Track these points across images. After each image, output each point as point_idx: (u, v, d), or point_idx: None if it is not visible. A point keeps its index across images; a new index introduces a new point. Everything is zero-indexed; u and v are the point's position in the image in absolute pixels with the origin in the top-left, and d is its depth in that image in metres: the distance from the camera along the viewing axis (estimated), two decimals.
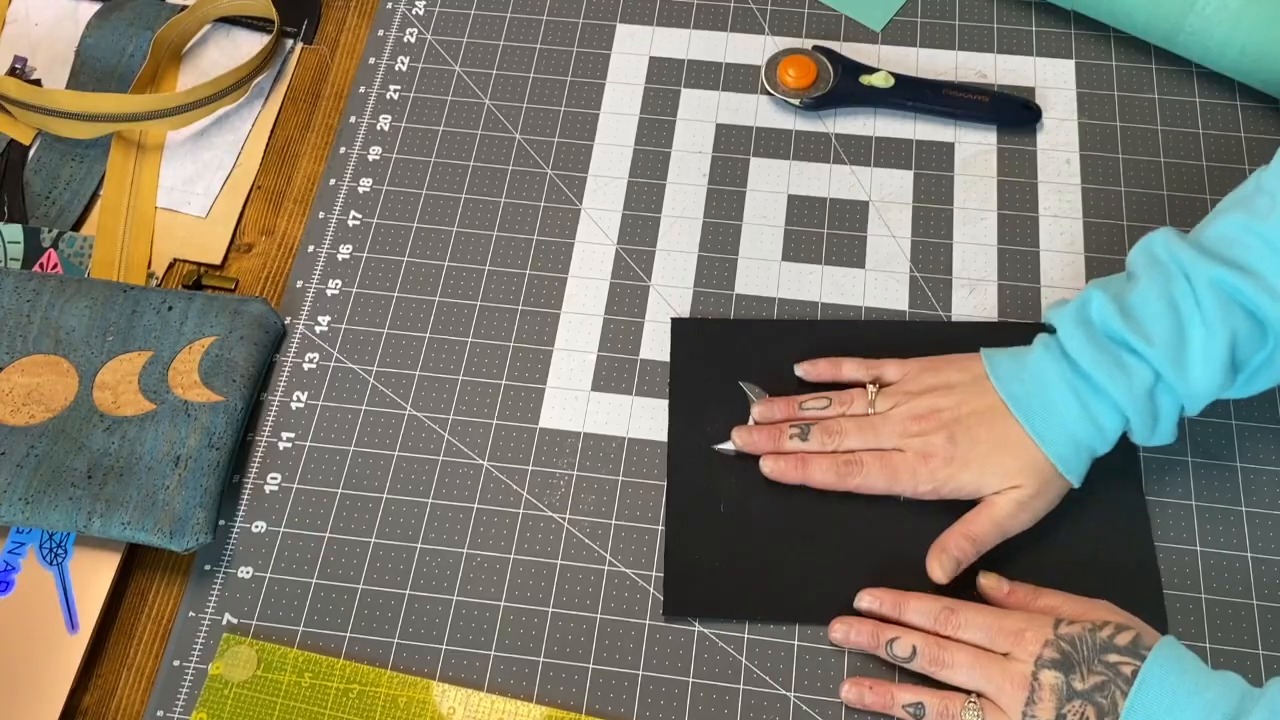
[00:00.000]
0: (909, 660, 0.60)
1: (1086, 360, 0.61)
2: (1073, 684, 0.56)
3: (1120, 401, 0.61)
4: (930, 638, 0.60)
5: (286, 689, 0.62)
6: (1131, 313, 0.61)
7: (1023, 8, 0.84)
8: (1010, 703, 0.57)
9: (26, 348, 0.70)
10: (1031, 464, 0.62)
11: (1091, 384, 0.62)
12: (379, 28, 0.85)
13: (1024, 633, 0.58)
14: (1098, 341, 0.62)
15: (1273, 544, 0.65)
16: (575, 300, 0.74)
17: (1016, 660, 0.58)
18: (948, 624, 0.60)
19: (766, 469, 0.66)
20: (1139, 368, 0.61)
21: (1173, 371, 0.60)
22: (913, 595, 0.62)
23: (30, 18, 0.87)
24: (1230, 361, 0.60)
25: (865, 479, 0.65)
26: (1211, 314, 0.59)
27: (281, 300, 0.75)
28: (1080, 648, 0.57)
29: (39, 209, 0.78)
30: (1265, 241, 0.59)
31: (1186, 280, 0.61)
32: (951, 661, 0.59)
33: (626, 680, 0.63)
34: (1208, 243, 0.62)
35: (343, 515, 0.68)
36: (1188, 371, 0.60)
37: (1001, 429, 0.63)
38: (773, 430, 0.67)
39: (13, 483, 0.65)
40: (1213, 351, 0.59)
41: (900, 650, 0.60)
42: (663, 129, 0.80)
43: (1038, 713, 0.56)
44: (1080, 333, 0.62)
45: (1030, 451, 0.62)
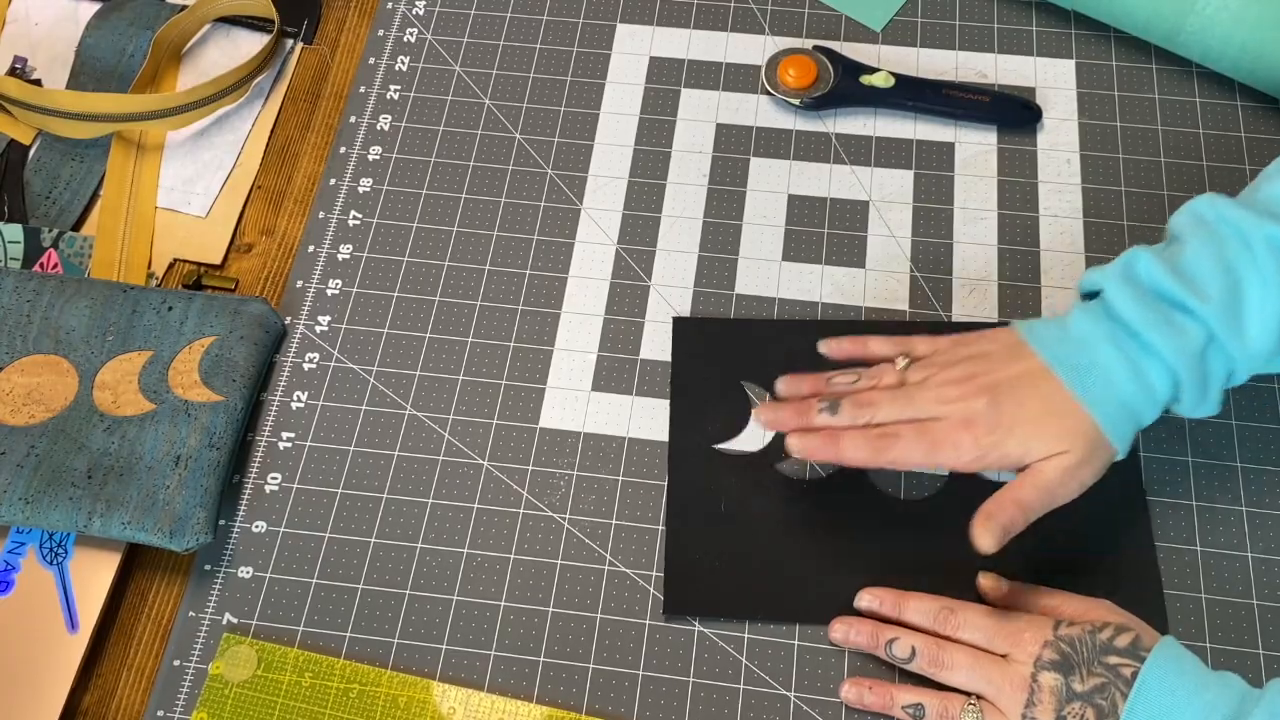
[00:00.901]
0: (908, 661, 0.60)
1: (1136, 318, 0.58)
2: (1072, 685, 0.56)
3: (1171, 361, 0.57)
4: (929, 639, 0.60)
5: (286, 689, 0.62)
6: (1183, 271, 0.58)
7: (1023, 8, 0.84)
8: (1010, 704, 0.57)
9: (26, 348, 0.70)
10: (1078, 429, 0.58)
11: (1141, 343, 0.58)
12: (379, 28, 0.85)
13: (1023, 634, 0.58)
14: (1147, 300, 0.58)
15: (1273, 544, 0.65)
16: (575, 300, 0.74)
17: (1016, 662, 0.58)
18: (947, 624, 0.60)
19: (794, 447, 0.62)
20: (1191, 326, 0.57)
21: (1227, 330, 0.57)
22: (912, 595, 0.62)
23: (30, 18, 0.87)
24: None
25: (902, 451, 0.60)
26: (1270, 272, 0.56)
27: (281, 300, 0.75)
28: (1080, 649, 0.57)
29: (39, 209, 0.78)
30: None
31: (1241, 240, 0.58)
32: (950, 663, 0.59)
33: (626, 680, 0.63)
34: (1260, 204, 0.59)
35: (343, 515, 0.68)
36: (1244, 330, 0.57)
37: (1046, 392, 0.59)
38: (800, 405, 0.64)
39: (13, 483, 0.65)
40: (1270, 309, 0.56)
41: (899, 651, 0.60)
42: (663, 129, 0.80)
43: (1037, 715, 0.56)
44: (1128, 290, 0.59)
45: (1077, 416, 0.58)
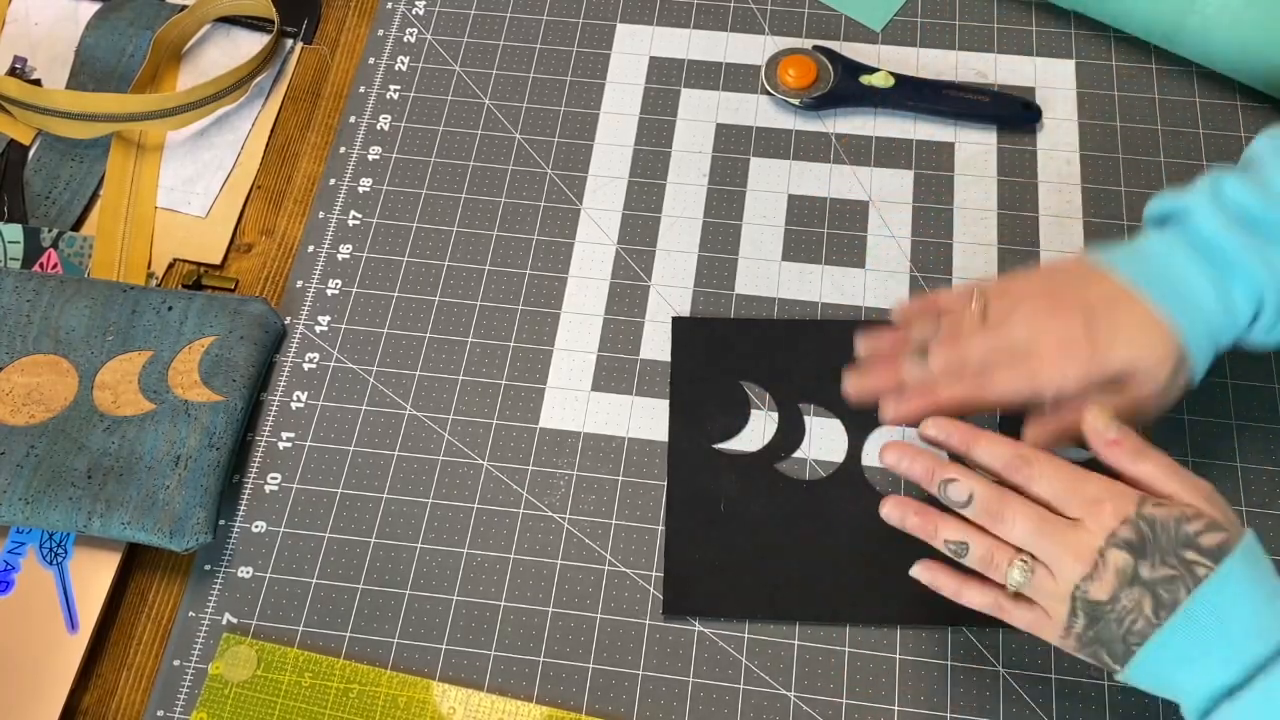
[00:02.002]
0: (964, 505, 0.54)
1: (1226, 239, 0.56)
2: (1140, 570, 0.50)
3: (1260, 278, 0.56)
4: (993, 487, 0.54)
5: (286, 689, 0.62)
6: (1274, 191, 0.57)
7: (1023, 8, 0.84)
8: (1066, 573, 0.52)
9: (26, 348, 0.70)
10: (1170, 347, 0.57)
11: (1228, 262, 0.57)
12: (379, 27, 0.85)
13: (1103, 502, 0.52)
14: (1236, 221, 0.57)
15: (1273, 543, 0.65)
16: (575, 300, 0.74)
17: (1086, 530, 0.52)
18: (1019, 472, 0.54)
19: (890, 415, 0.59)
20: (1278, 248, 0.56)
21: None
22: (986, 434, 0.55)
23: (30, 18, 0.87)
24: None
25: (1005, 384, 0.57)
26: None
27: (281, 300, 0.75)
28: (1160, 534, 0.51)
29: (39, 209, 0.78)
30: None
31: None
32: (1011, 516, 0.53)
33: (626, 680, 0.63)
34: None
35: (343, 515, 0.68)
36: None
37: (1139, 309, 0.57)
38: (888, 364, 0.60)
39: (13, 483, 0.65)
40: None
41: (955, 493, 0.54)
42: (663, 129, 0.80)
43: (1092, 591, 0.51)
44: (1218, 213, 0.57)
45: (1167, 333, 0.56)
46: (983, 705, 0.62)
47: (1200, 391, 0.69)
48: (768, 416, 0.69)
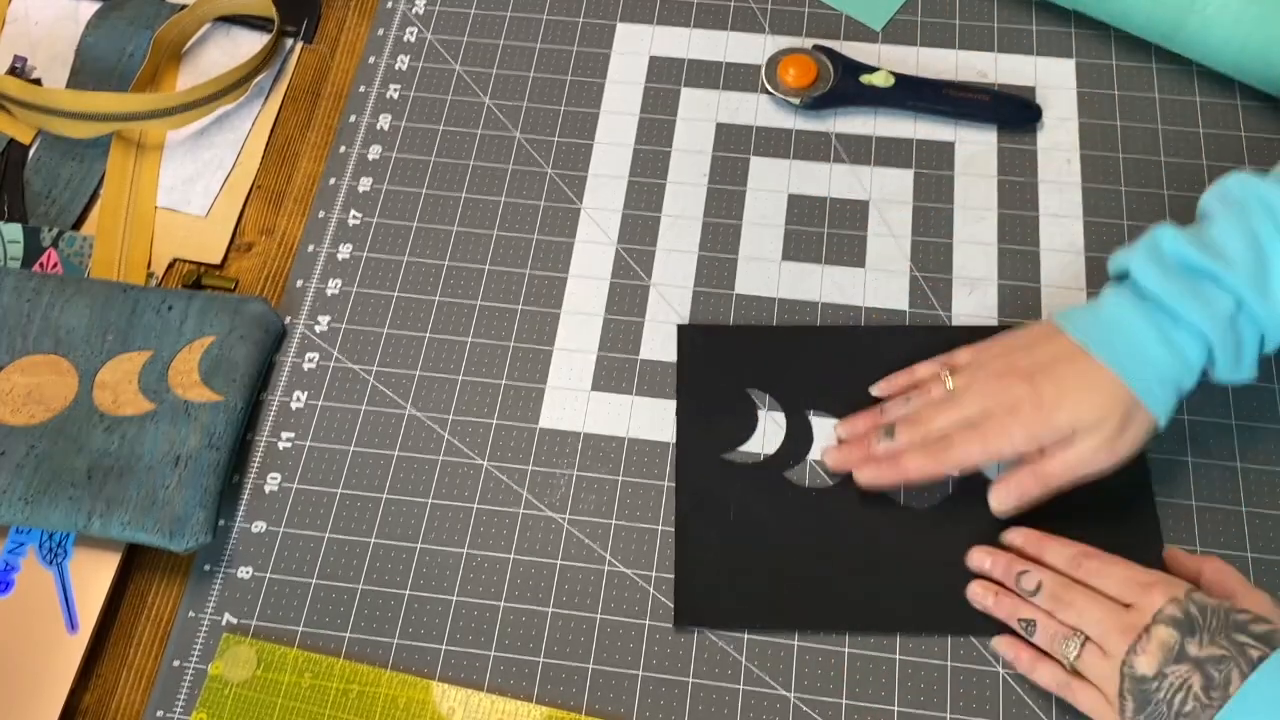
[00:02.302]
0: (1033, 594, 0.60)
1: (1163, 291, 0.60)
2: (1187, 647, 0.54)
3: (1202, 328, 0.59)
4: (1059, 577, 0.60)
5: (286, 689, 0.62)
6: (1210, 243, 0.60)
7: (1023, 7, 0.84)
8: (1114, 647, 0.56)
9: (26, 347, 0.70)
10: (1116, 399, 0.60)
11: (1171, 314, 0.60)
12: (379, 27, 0.85)
13: (1153, 587, 0.57)
14: (1173, 273, 0.60)
15: (1273, 544, 0.65)
16: (575, 300, 0.74)
17: (1136, 610, 0.56)
18: (1080, 568, 0.60)
19: (862, 479, 0.65)
20: (1219, 294, 0.60)
21: (1255, 295, 0.59)
22: (1053, 539, 0.62)
23: (30, 17, 0.87)
24: None
25: (960, 453, 0.62)
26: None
27: (281, 300, 0.75)
28: (1209, 617, 0.55)
29: (39, 208, 0.78)
30: None
31: (1268, 211, 0.60)
32: (1071, 601, 0.58)
33: (626, 680, 0.63)
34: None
35: (343, 515, 0.68)
36: (1271, 294, 0.59)
37: (1083, 368, 0.61)
38: (861, 441, 0.66)
39: (13, 483, 0.65)
40: None
41: (1027, 583, 0.60)
42: (663, 128, 0.80)
43: (1137, 663, 0.55)
44: (1153, 266, 0.61)
45: (1114, 386, 0.60)
46: (983, 705, 0.62)
47: (1200, 391, 0.69)
48: (775, 424, 0.69)
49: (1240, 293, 0.59)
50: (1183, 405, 0.68)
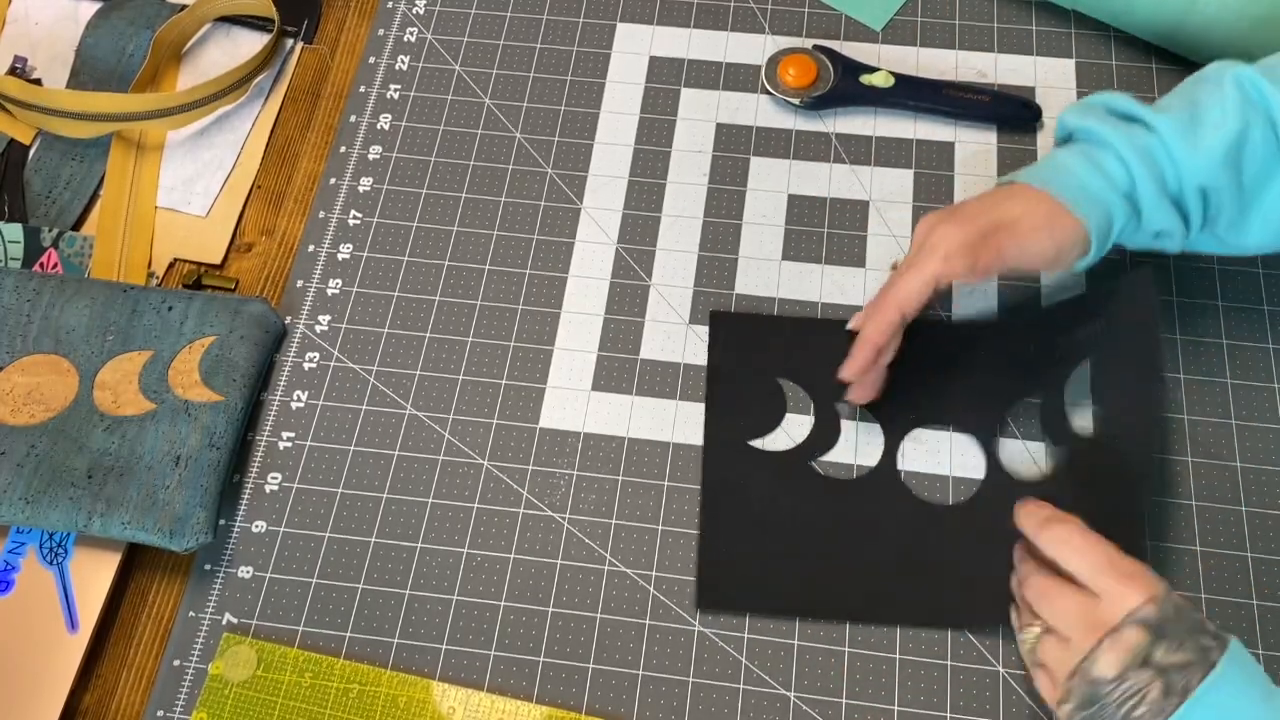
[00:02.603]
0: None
1: (1089, 125, 0.63)
2: (1154, 653, 0.51)
3: (1121, 150, 0.61)
4: (1033, 565, 0.57)
5: (286, 689, 0.62)
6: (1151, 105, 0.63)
7: (1023, 7, 0.84)
8: (1077, 642, 0.52)
9: (26, 347, 0.70)
10: (1042, 200, 0.62)
11: (1097, 141, 0.62)
12: (379, 27, 0.85)
13: (1133, 580, 0.52)
14: (1103, 115, 0.63)
15: (1273, 544, 0.65)
16: (575, 300, 0.74)
17: (1106, 605, 0.52)
18: (1042, 533, 0.56)
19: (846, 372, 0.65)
20: (1142, 129, 0.62)
21: (1175, 136, 0.60)
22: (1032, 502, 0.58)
23: (30, 17, 0.87)
24: (1238, 153, 0.60)
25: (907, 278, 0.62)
26: (1232, 104, 0.60)
27: (281, 300, 0.75)
28: (1183, 619, 0.51)
29: (39, 209, 0.78)
30: None
31: (1213, 82, 0.61)
32: (1038, 590, 0.56)
33: (626, 680, 0.63)
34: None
35: (343, 515, 0.68)
36: (1196, 140, 0.60)
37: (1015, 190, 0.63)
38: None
39: (13, 483, 0.65)
40: (1225, 130, 0.60)
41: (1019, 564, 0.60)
42: (663, 128, 0.80)
43: (1099, 663, 0.51)
44: (1086, 112, 0.64)
45: (1039, 195, 0.62)
46: (983, 705, 0.62)
47: (1200, 391, 0.69)
48: (803, 414, 0.69)
49: (1161, 131, 0.61)
50: (1183, 405, 0.69)
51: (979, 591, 0.63)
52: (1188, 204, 0.62)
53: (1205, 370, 0.70)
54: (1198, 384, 0.70)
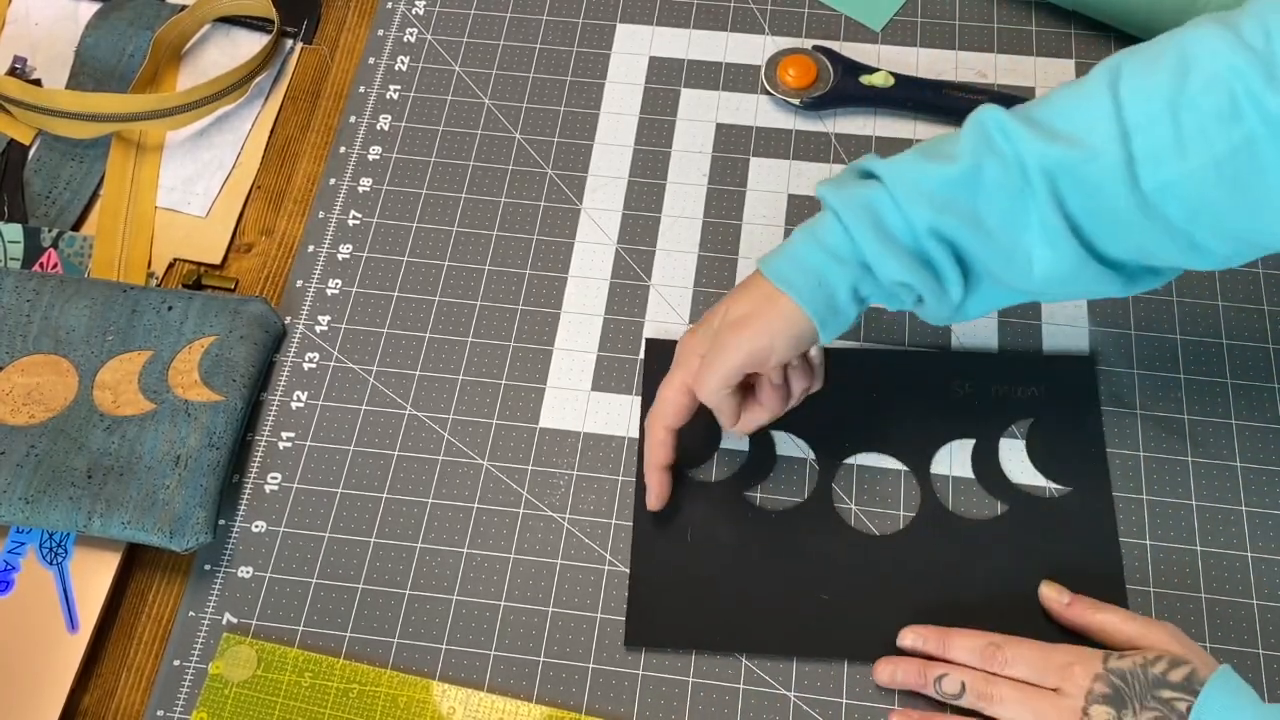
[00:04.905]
0: (958, 697, 0.59)
1: (827, 189, 0.58)
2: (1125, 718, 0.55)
3: (840, 211, 0.57)
4: (978, 673, 0.59)
5: (286, 689, 0.62)
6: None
7: (1023, 7, 0.84)
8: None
9: (26, 347, 0.70)
10: (754, 290, 0.60)
11: (826, 205, 0.58)
12: (379, 27, 0.85)
13: (1072, 667, 0.57)
14: (844, 181, 0.59)
15: (1273, 544, 0.65)
16: (575, 300, 0.74)
17: (1067, 695, 0.57)
18: (994, 660, 0.59)
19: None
20: (872, 183, 0.57)
21: (903, 185, 0.56)
22: (956, 632, 0.61)
23: (30, 18, 0.87)
24: (968, 192, 0.55)
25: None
26: (965, 144, 0.55)
27: (281, 300, 0.75)
28: (1132, 683, 0.56)
29: (39, 209, 0.78)
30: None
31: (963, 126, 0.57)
32: (1000, 697, 0.58)
33: (627, 680, 0.63)
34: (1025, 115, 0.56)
35: (343, 515, 0.68)
36: (918, 182, 0.56)
37: (747, 281, 0.61)
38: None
39: (13, 483, 0.65)
40: (950, 169, 0.55)
41: (949, 686, 0.60)
42: (663, 129, 0.80)
43: None
44: (833, 181, 0.59)
45: (759, 283, 0.60)
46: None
47: (1200, 390, 0.69)
48: (738, 443, 0.69)
49: (880, 172, 0.57)
50: (1183, 405, 0.69)
51: (914, 622, 0.62)
52: (927, 251, 0.56)
53: (1205, 370, 0.70)
54: (1197, 384, 0.70)
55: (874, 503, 0.67)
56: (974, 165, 0.55)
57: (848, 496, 0.67)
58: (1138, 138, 0.51)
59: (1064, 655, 0.58)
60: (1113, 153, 0.52)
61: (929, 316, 0.60)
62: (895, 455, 0.68)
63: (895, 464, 0.68)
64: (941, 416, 0.69)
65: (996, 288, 0.58)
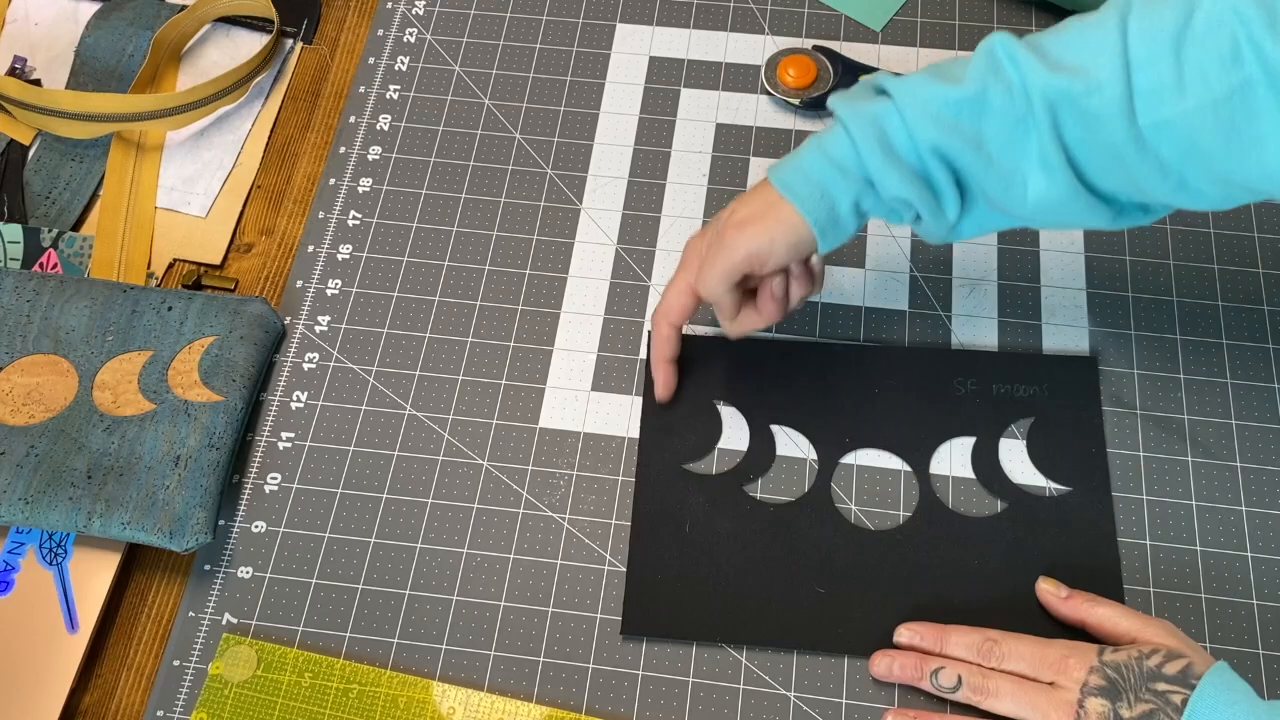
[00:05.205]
0: (954, 690, 0.59)
1: (838, 101, 0.60)
2: (1120, 712, 0.55)
3: (848, 122, 0.58)
4: (974, 668, 0.60)
5: (286, 689, 0.62)
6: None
7: (1023, 8, 0.84)
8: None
9: (26, 348, 0.70)
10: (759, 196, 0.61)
11: (835, 117, 0.60)
12: (379, 27, 0.85)
13: (1068, 660, 0.58)
14: (857, 94, 0.60)
15: (1273, 544, 0.65)
16: (575, 300, 0.74)
17: (1062, 689, 0.57)
18: (991, 655, 0.59)
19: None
20: (882, 99, 0.58)
21: (911, 102, 0.57)
22: (953, 629, 0.61)
23: (30, 18, 0.87)
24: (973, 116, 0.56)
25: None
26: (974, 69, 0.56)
27: (281, 300, 0.75)
28: (1127, 675, 0.56)
29: (39, 209, 0.78)
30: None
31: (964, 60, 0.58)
32: (996, 690, 0.58)
33: (626, 680, 0.63)
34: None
35: (343, 515, 0.68)
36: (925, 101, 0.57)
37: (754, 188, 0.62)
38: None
39: (13, 483, 0.65)
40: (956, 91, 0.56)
41: (945, 680, 0.60)
42: (663, 129, 0.80)
43: None
44: (846, 93, 0.61)
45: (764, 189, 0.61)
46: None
47: (1200, 391, 0.69)
48: (738, 437, 0.69)
49: (888, 87, 0.58)
50: (1182, 405, 0.69)
51: (909, 618, 0.63)
52: (928, 169, 0.58)
53: (1205, 370, 0.70)
54: (1198, 384, 0.70)
55: (873, 500, 0.67)
56: (981, 90, 0.56)
57: (847, 493, 0.67)
58: (1139, 74, 0.52)
59: (1060, 649, 0.59)
60: (1114, 86, 0.52)
61: (925, 234, 0.61)
62: (895, 453, 0.68)
63: (895, 462, 0.68)
64: (941, 415, 0.69)
65: (991, 211, 0.59)
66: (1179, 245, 0.74)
